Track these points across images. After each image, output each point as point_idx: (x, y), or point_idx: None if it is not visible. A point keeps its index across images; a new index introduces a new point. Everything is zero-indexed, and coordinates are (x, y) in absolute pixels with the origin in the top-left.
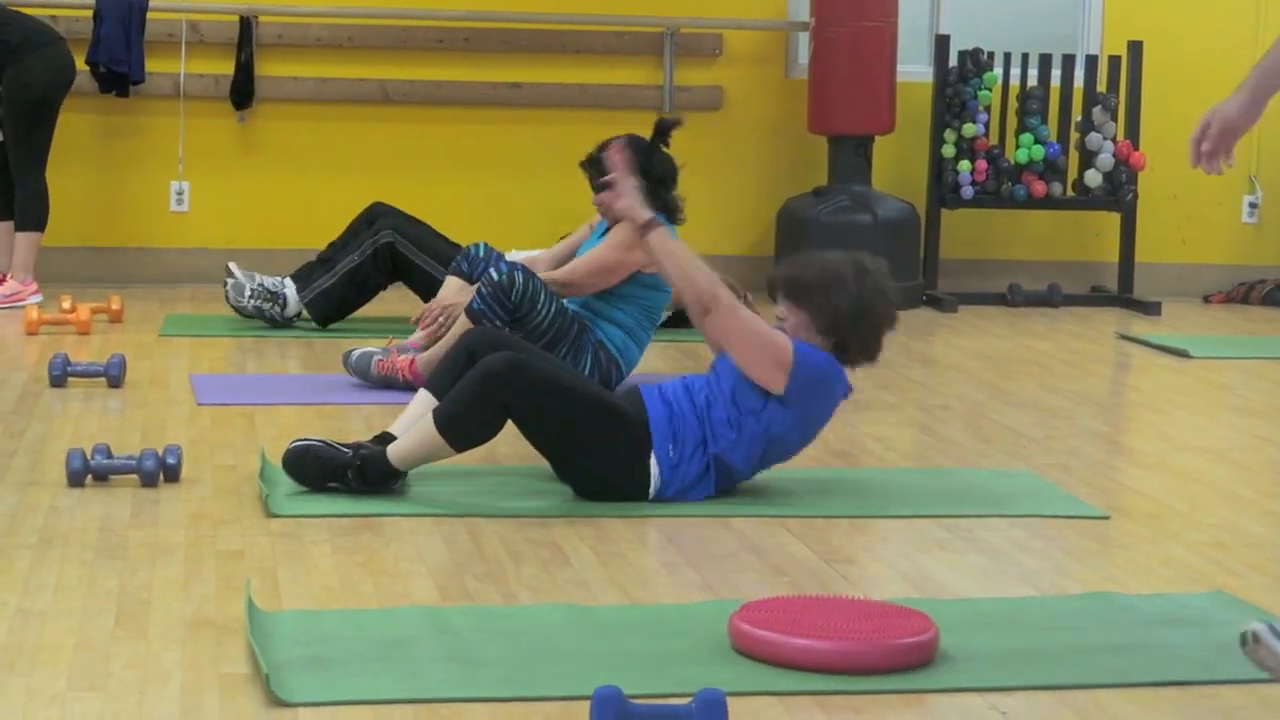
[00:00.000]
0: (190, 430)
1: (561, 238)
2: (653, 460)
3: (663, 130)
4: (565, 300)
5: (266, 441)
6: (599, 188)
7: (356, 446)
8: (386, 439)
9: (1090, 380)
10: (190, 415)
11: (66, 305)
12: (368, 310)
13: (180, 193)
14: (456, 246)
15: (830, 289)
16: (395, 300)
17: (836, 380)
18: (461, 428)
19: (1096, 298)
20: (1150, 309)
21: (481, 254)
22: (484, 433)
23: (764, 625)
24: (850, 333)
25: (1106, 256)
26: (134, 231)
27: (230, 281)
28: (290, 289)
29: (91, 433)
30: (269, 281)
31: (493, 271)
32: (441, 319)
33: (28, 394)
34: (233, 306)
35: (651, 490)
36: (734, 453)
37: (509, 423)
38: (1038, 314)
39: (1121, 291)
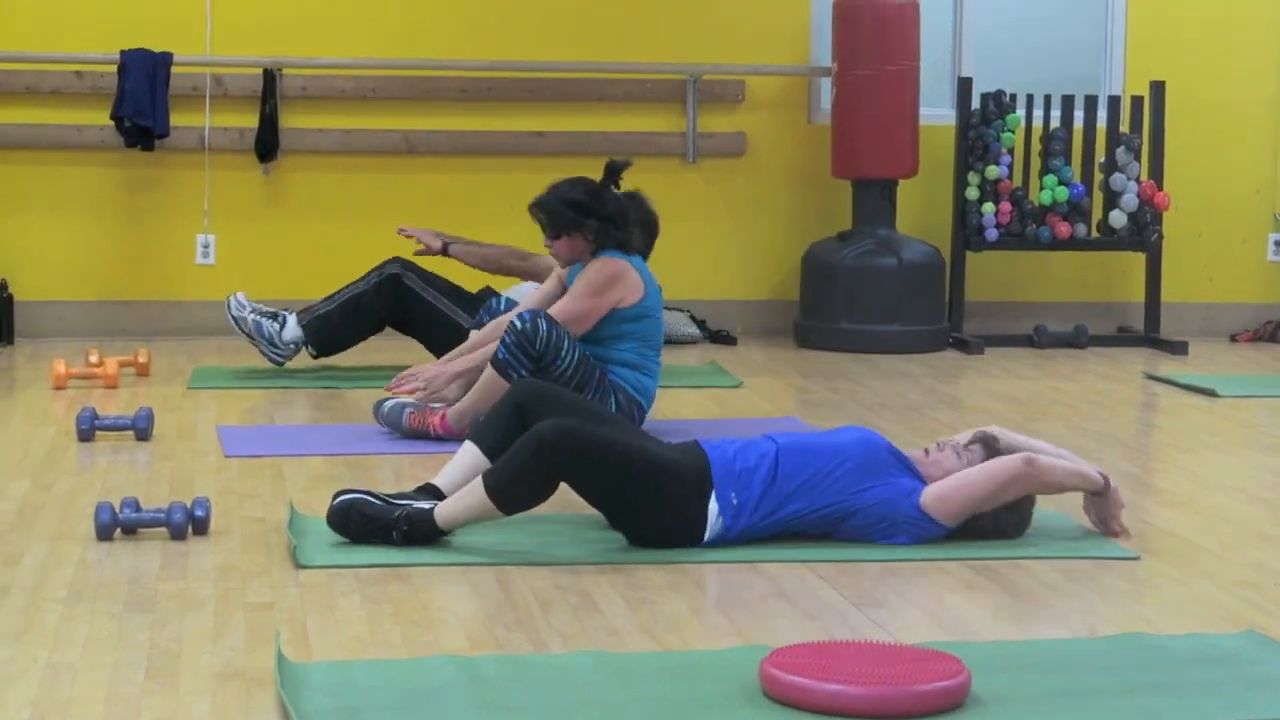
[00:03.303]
0: (218, 482)
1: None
2: (712, 503)
3: (612, 171)
4: None
5: (295, 492)
6: (549, 234)
7: (402, 505)
8: (430, 491)
9: (1117, 421)
10: (218, 467)
11: (94, 359)
12: (391, 358)
13: (206, 245)
14: (470, 296)
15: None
16: (416, 348)
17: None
18: (513, 495)
19: (1123, 338)
20: (1177, 348)
21: (503, 308)
22: (536, 499)
23: (794, 670)
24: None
25: (1132, 297)
26: (160, 284)
27: (232, 299)
28: (292, 318)
29: (120, 486)
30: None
31: (516, 320)
32: (420, 387)
33: (56, 448)
34: (232, 318)
35: (708, 534)
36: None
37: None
38: (1064, 355)
39: (1148, 331)
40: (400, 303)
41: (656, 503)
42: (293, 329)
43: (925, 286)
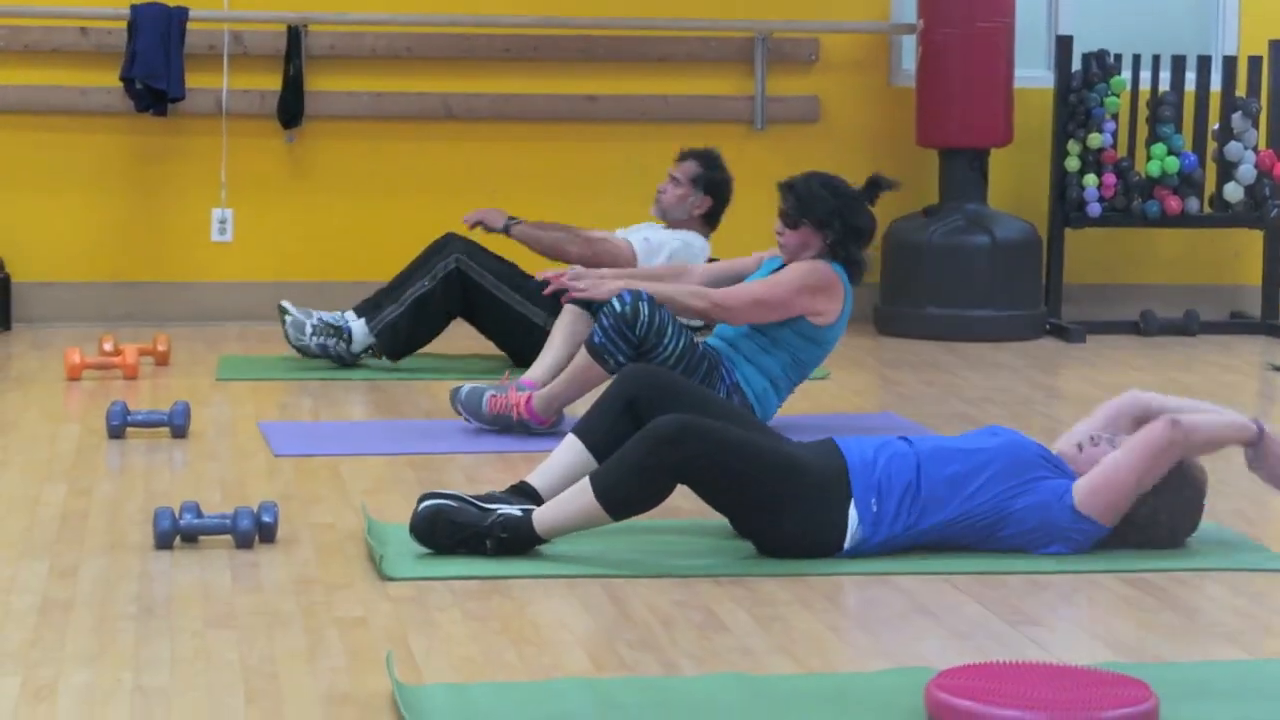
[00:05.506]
0: (273, 484)
1: None
2: (851, 510)
3: (875, 186)
4: (713, 336)
5: (362, 495)
6: (789, 220)
7: (492, 510)
8: (525, 490)
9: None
10: (269, 468)
11: (109, 347)
12: (438, 348)
13: (223, 221)
14: (529, 277)
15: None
16: (465, 339)
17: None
18: (626, 498)
19: (1237, 324)
20: None
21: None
22: (650, 503)
23: (967, 694)
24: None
25: (1248, 279)
26: (173, 264)
27: (288, 319)
28: (356, 323)
29: (164, 489)
30: (329, 316)
31: (614, 301)
32: (581, 287)
33: (85, 446)
34: (294, 346)
35: (847, 543)
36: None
37: None
38: (1174, 343)
39: (1265, 318)
40: (467, 295)
41: (790, 509)
42: (361, 337)
43: (1020, 267)
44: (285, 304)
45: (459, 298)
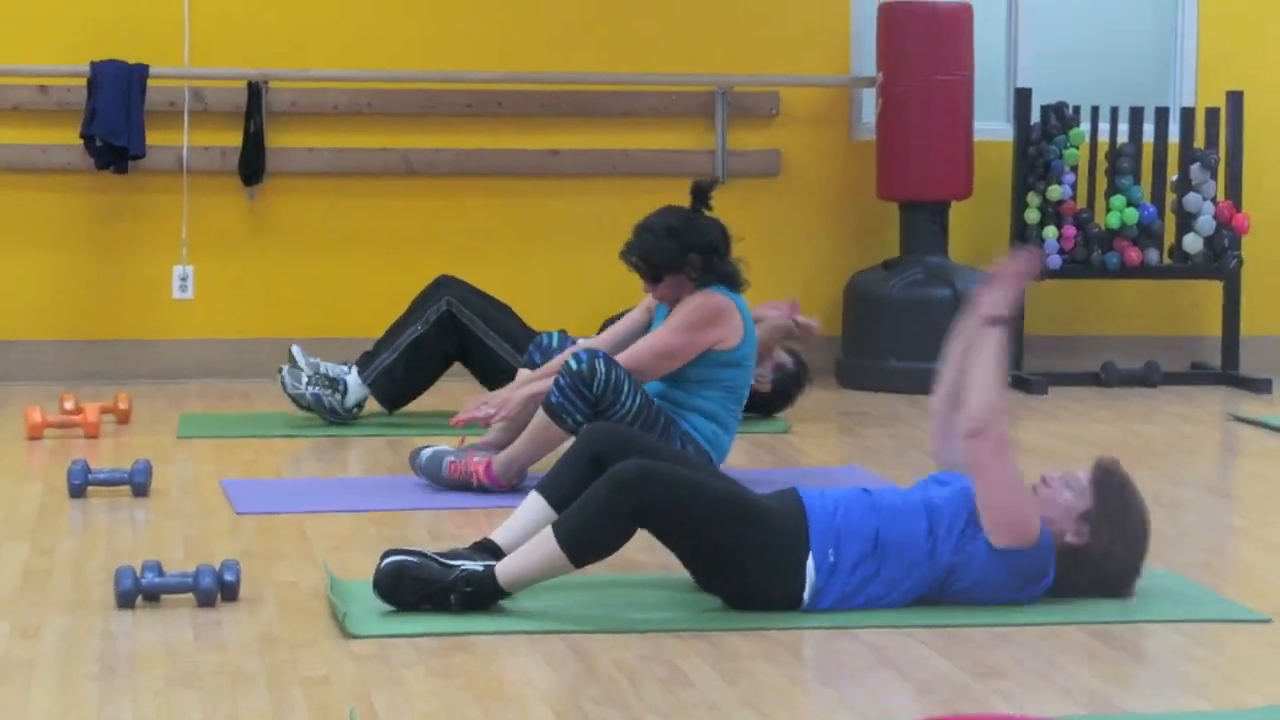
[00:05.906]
0: (236, 542)
1: (604, 324)
2: (809, 561)
3: (701, 193)
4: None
5: (325, 553)
6: (649, 278)
7: (456, 565)
8: (488, 547)
9: (1211, 468)
10: (232, 526)
11: (70, 405)
12: (426, 404)
13: (184, 278)
14: (525, 326)
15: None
16: (459, 392)
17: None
18: (587, 542)
19: (1197, 375)
20: (1259, 386)
21: (555, 344)
22: (612, 547)
23: None
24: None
25: (1208, 330)
26: (134, 322)
27: (286, 368)
28: (351, 376)
29: (126, 547)
30: (332, 369)
31: (571, 360)
32: (492, 413)
33: (47, 506)
34: (289, 395)
35: (806, 597)
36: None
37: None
38: (1135, 395)
39: (1225, 368)
40: (460, 337)
41: (752, 555)
42: (355, 391)
43: None
44: (295, 350)
45: (453, 340)
